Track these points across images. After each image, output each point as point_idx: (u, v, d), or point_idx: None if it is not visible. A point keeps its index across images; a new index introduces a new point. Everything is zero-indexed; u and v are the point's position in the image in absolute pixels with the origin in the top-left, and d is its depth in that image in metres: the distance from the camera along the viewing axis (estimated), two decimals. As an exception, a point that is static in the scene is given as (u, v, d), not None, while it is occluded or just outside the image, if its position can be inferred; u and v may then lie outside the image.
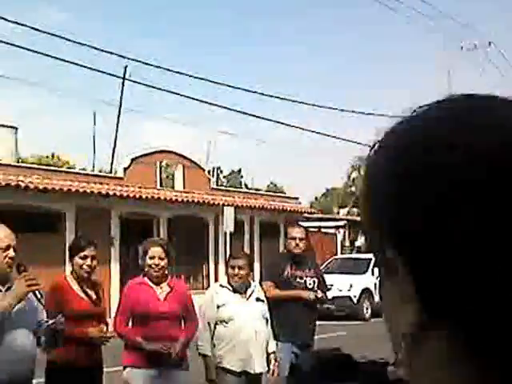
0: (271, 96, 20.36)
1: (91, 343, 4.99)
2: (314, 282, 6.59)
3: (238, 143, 73.98)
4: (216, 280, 18.41)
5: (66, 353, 4.77)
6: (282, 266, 6.54)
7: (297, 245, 6.49)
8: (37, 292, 3.94)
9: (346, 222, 31.10)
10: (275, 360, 5.78)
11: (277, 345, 5.95)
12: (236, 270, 5.65)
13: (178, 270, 16.61)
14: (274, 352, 5.79)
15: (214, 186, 23.08)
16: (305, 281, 6.53)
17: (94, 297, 5.13)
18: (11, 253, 3.91)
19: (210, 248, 21.12)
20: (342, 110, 23.82)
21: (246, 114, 21.07)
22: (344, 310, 18.77)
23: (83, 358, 4.88)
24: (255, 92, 20.15)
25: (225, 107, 20.10)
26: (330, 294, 15.95)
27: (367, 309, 19.42)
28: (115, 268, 17.67)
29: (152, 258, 5.23)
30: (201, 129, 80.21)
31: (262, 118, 21.60)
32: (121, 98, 22.10)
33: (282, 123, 22.83)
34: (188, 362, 5.35)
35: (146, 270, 5.28)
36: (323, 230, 29.02)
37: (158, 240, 5.64)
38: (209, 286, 17.08)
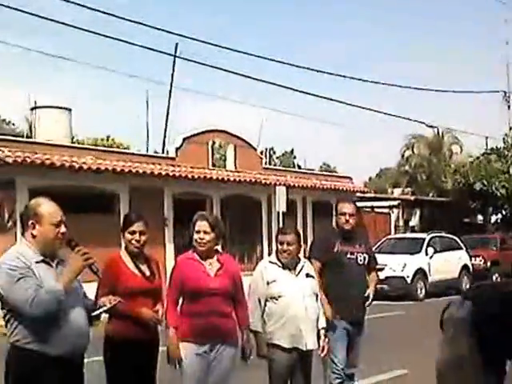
0: (324, 72, 20.15)
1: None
2: (364, 258, 6.43)
3: (291, 123, 73.59)
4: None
5: (123, 328, 4.78)
6: (332, 241, 6.37)
7: (347, 221, 6.34)
8: (92, 266, 3.91)
9: (399, 201, 30.72)
10: (325, 336, 5.69)
11: (327, 321, 5.85)
12: (285, 246, 5.55)
13: (232, 250, 16.64)
14: (324, 328, 5.68)
15: (266, 166, 22.98)
16: (356, 257, 6.38)
17: (148, 273, 5.06)
18: (63, 228, 3.89)
19: (263, 228, 21.08)
20: (400, 86, 23.39)
21: (301, 92, 20.85)
22: (397, 291, 18.55)
23: (140, 335, 4.85)
24: (309, 69, 19.95)
25: (279, 85, 19.97)
26: (383, 274, 15.91)
27: (421, 289, 19.14)
28: (170, 249, 17.75)
29: (198, 232, 5.14)
30: (253, 108, 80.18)
31: (319, 97, 21.37)
32: (172, 76, 22.07)
33: (338, 101, 22.54)
34: (238, 338, 5.28)
35: (194, 244, 5.21)
36: (377, 209, 28.77)
37: (205, 214, 5.45)
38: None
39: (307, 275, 5.66)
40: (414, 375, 8.67)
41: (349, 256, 6.33)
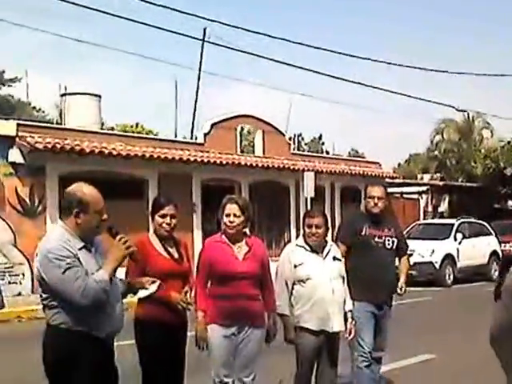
0: (353, 56, 20.01)
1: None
2: (393, 242, 6.35)
3: (320, 109, 73.23)
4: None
5: (153, 311, 4.79)
6: (360, 224, 6.31)
7: (375, 204, 6.26)
8: (133, 255, 3.94)
9: (428, 187, 30.49)
10: (352, 319, 5.69)
11: (353, 304, 5.84)
12: (313, 229, 5.54)
13: (260, 236, 16.64)
14: (350, 311, 5.69)
15: (294, 152, 22.92)
16: (384, 241, 6.31)
17: (177, 255, 5.07)
18: (105, 215, 3.92)
19: (291, 213, 21.07)
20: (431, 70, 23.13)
21: (328, 76, 20.75)
22: (426, 276, 18.44)
23: (169, 318, 4.88)
24: (337, 52, 19.83)
25: (306, 69, 19.88)
26: (411, 260, 15.77)
27: (449, 275, 19.00)
28: (198, 235, 17.82)
29: (228, 215, 5.13)
30: (281, 93, 79.88)
31: (347, 81, 21.25)
32: (200, 62, 22.03)
33: (366, 85, 22.37)
34: (265, 321, 5.30)
35: (223, 227, 5.20)
36: (405, 195, 28.59)
37: (235, 197, 5.38)
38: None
39: (334, 258, 5.66)
40: (442, 359, 8.67)
41: (376, 240, 6.26)
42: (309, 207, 18.70)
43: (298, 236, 20.31)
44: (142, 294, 4.37)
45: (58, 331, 3.85)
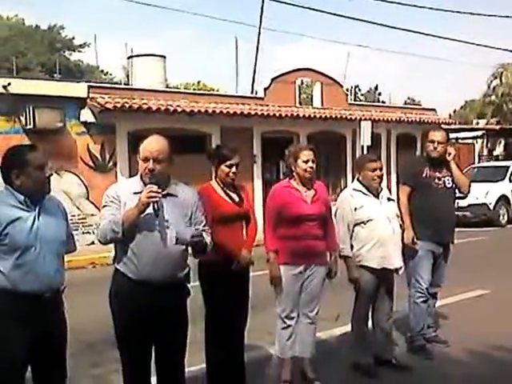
0: (408, 5, 19.56)
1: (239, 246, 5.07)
2: (452, 180, 6.33)
3: (377, 60, 71.80)
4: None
5: (217, 256, 4.82)
6: (421, 167, 6.32)
7: (435, 148, 6.24)
8: (154, 204, 3.91)
9: (484, 131, 29.79)
10: (409, 256, 5.97)
11: (416, 243, 6.01)
12: (378, 172, 5.69)
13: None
14: (405, 248, 5.88)
15: (351, 102, 22.68)
16: (444, 181, 6.30)
17: (237, 199, 5.18)
18: (150, 164, 4.01)
19: (348, 162, 21.00)
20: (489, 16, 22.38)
21: (384, 25, 20.36)
22: (480, 217, 18.22)
23: (233, 260, 5.00)
24: (395, 2, 19.41)
25: (364, 20, 19.54)
26: (466, 202, 15.64)
27: (503, 215, 18.73)
28: (258, 185, 18.02)
29: (306, 161, 5.27)
30: (339, 47, 78.45)
31: (403, 29, 20.82)
32: (260, 18, 21.67)
33: (421, 33, 21.85)
34: (328, 259, 5.46)
35: (299, 173, 5.32)
36: (461, 140, 28.04)
37: (308, 144, 5.53)
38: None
39: (388, 199, 5.80)
40: (495, 294, 8.68)
41: (437, 181, 6.27)
42: (365, 155, 18.57)
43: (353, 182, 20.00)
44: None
45: (114, 270, 4.12)
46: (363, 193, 5.70)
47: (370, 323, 5.90)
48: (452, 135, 26.35)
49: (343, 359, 5.99)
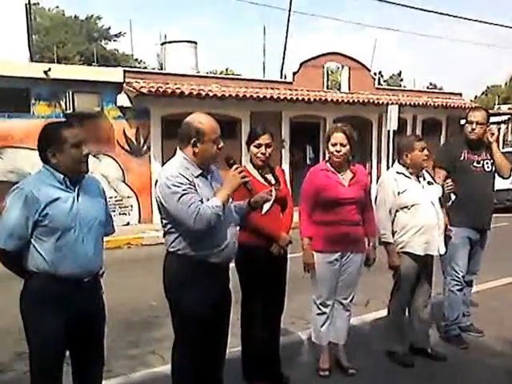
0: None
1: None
2: (492, 163, 5.87)
3: (400, 46, 70.80)
4: (377, 178, 17.97)
5: (254, 239, 4.63)
6: (458, 150, 5.87)
7: (473, 129, 5.76)
8: (247, 184, 3.84)
9: (509, 116, 29.18)
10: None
11: (450, 230, 5.58)
12: (425, 151, 5.23)
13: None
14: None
15: (378, 86, 22.27)
16: (482, 164, 5.84)
17: (274, 181, 4.86)
18: (221, 144, 3.88)
19: (373, 145, 20.66)
20: None
21: (410, 7, 19.90)
22: (504, 202, 17.79)
23: (270, 243, 4.74)
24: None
25: (392, 2, 19.10)
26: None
27: (528, 201, 18.27)
28: (286, 169, 17.74)
29: (334, 144, 4.91)
30: (366, 32, 77.50)
31: (422, 10, 20.32)
32: (290, 2, 21.29)
33: (442, 13, 21.31)
34: (365, 245, 5.11)
35: (329, 156, 4.98)
36: (485, 125, 27.48)
37: (341, 126, 5.01)
38: (370, 182, 16.83)
39: (429, 183, 5.38)
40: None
41: (475, 164, 5.84)
42: (391, 139, 18.29)
43: (378, 168, 19.96)
44: (266, 207, 4.22)
45: (175, 257, 3.83)
46: (406, 176, 5.27)
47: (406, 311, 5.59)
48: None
49: (377, 346, 5.72)
